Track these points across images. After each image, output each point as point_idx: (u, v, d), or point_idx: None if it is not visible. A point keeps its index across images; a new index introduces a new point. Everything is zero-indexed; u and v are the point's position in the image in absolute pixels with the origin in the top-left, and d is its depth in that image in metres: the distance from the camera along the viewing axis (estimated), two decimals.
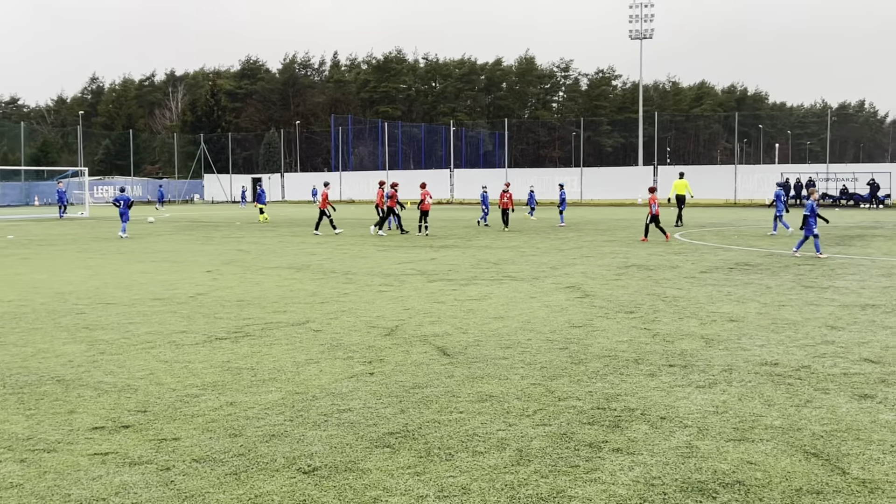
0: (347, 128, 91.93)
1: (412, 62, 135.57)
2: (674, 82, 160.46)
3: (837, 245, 22.06)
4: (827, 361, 8.11)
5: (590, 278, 14.95)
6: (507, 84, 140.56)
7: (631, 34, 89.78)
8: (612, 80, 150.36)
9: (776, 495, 4.74)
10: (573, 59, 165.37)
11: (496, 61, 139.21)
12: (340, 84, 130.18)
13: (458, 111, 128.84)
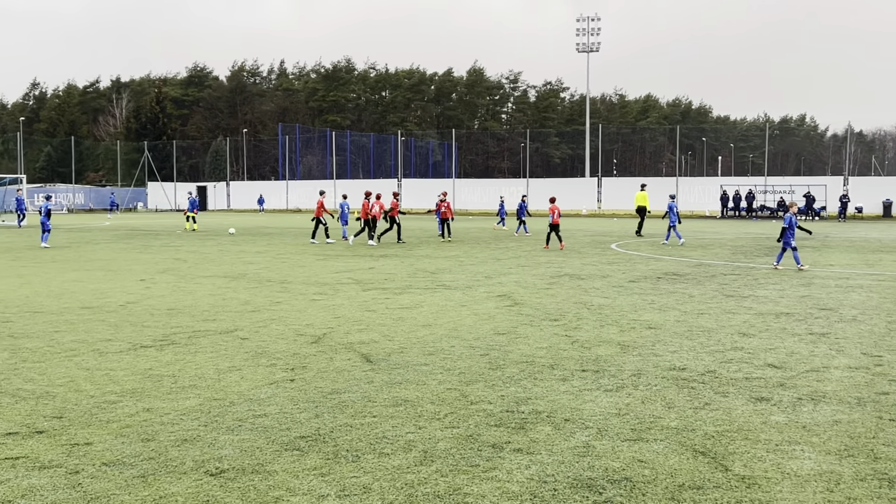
0: (295, 136, 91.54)
1: (362, 71, 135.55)
2: (621, 95, 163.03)
3: (766, 255, 22.74)
4: (732, 367, 8.49)
5: (522, 287, 15.26)
6: (457, 95, 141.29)
7: (578, 47, 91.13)
8: (561, 93, 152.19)
9: (659, 491, 5.03)
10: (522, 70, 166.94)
11: (446, 72, 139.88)
12: (289, 92, 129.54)
13: (407, 121, 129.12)
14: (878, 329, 10.70)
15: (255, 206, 74.32)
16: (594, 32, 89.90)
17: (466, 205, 69.65)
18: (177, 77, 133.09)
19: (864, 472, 5.35)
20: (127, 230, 38.96)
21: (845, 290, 14.72)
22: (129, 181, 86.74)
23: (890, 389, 7.50)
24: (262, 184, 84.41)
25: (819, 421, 6.52)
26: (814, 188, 56.30)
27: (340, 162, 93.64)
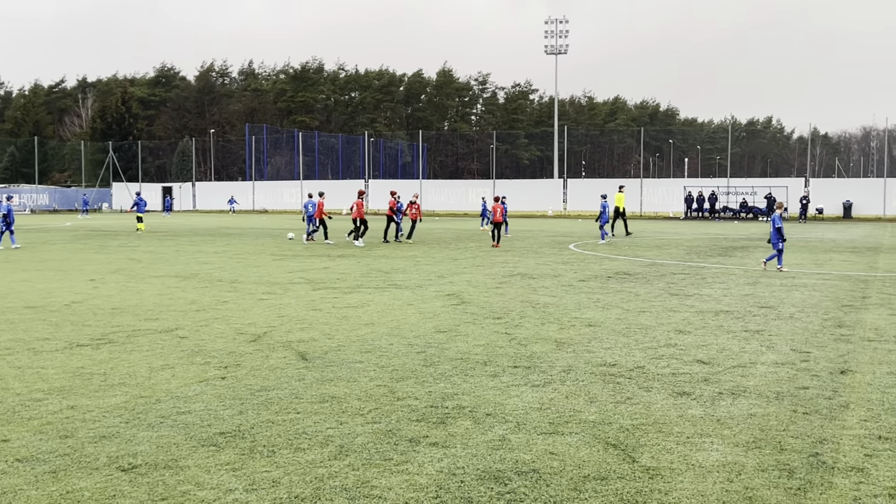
0: (262, 137, 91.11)
1: (331, 72, 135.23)
2: (589, 97, 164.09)
3: (718, 255, 23.05)
4: (661, 363, 8.64)
5: (472, 286, 15.37)
6: (427, 96, 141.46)
7: (546, 49, 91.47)
8: (530, 94, 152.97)
9: (564, 482, 5.13)
10: (491, 72, 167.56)
11: (416, 73, 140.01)
12: (257, 93, 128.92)
13: (377, 122, 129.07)
14: (812, 326, 10.92)
15: (225, 206, 73.82)
16: (562, 35, 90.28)
17: (435, 206, 69.71)
18: (144, 77, 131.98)
19: (766, 462, 5.50)
20: (87, 231, 38.61)
21: (789, 289, 14.98)
22: (95, 181, 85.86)
23: (810, 384, 7.68)
24: (229, 184, 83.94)
25: (734, 414, 6.67)
26: (775, 189, 57.05)
27: (309, 162, 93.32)
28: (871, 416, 6.61)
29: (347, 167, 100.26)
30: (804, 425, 6.35)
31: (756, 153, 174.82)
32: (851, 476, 5.23)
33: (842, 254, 23.78)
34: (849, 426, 6.32)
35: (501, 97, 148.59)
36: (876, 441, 5.95)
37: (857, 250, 25.40)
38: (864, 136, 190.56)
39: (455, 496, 4.89)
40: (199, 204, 79.50)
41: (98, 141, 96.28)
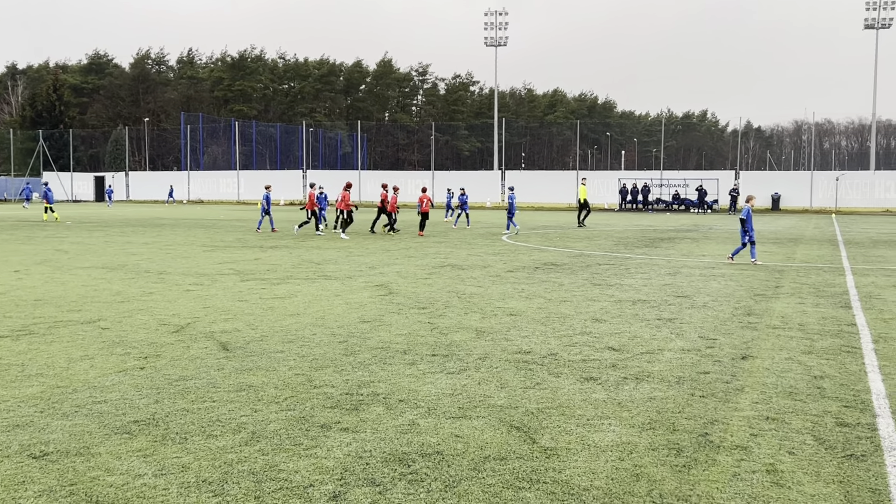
0: (199, 126, 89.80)
1: (270, 61, 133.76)
2: (529, 89, 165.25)
3: (645, 247, 23.65)
4: (574, 350, 8.96)
5: (402, 277, 15.57)
6: (367, 86, 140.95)
7: (486, 41, 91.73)
8: (470, 86, 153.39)
9: (465, 462, 5.38)
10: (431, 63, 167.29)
11: (355, 63, 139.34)
12: (194, 81, 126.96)
13: (316, 112, 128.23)
14: (723, 315, 11.39)
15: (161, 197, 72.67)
16: (502, 27, 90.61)
17: (374, 196, 69.60)
18: (77, 64, 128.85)
19: (658, 442, 5.82)
20: (14, 221, 37.74)
21: (707, 279, 15.52)
22: (24, 170, 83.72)
23: (711, 369, 8.08)
24: (164, 174, 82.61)
25: (635, 398, 7.00)
26: (706, 182, 58.47)
27: (246, 152, 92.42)
28: (763, 398, 7.00)
29: (286, 157, 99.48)
30: (699, 407, 6.71)
31: (692, 146, 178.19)
32: (735, 454, 5.59)
33: (763, 245, 24.58)
34: (740, 408, 6.70)
35: (442, 88, 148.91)
36: (763, 422, 6.33)
37: (778, 241, 26.27)
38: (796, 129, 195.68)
39: (359, 477, 5.10)
40: (134, 194, 78.12)
41: (28, 129, 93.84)
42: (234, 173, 76.06)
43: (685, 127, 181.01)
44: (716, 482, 5.06)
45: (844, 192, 58.49)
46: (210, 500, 4.74)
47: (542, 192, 64.82)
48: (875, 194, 58.52)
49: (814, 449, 5.69)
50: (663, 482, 5.05)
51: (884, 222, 42.00)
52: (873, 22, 70.24)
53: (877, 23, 70.00)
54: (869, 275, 16.47)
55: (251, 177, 76.11)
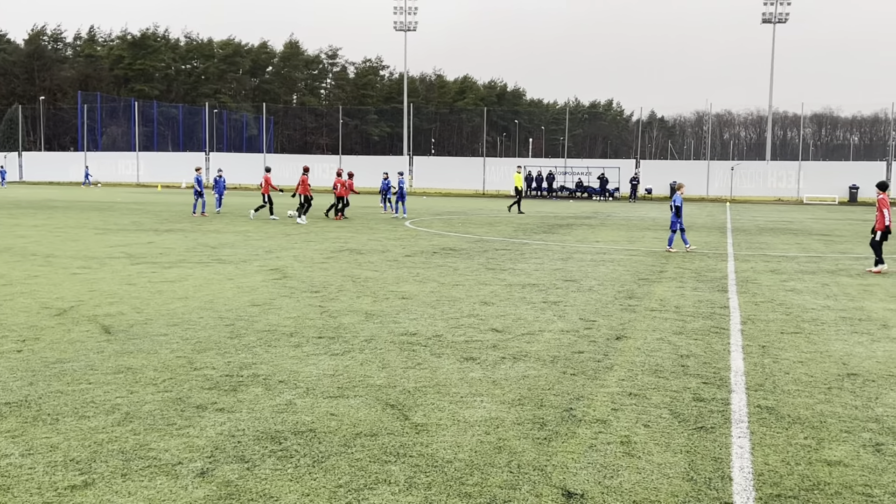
0: (97, 106, 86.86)
1: (172, 40, 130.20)
2: (439, 75, 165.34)
3: (544, 233, 24.19)
4: (459, 331, 9.20)
5: (298, 261, 15.57)
6: (274, 68, 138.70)
7: (396, 25, 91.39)
8: (380, 70, 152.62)
9: (336, 439, 5.53)
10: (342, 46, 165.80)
11: (262, 44, 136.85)
12: (92, 59, 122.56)
13: (221, 93, 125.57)
14: (606, 298, 11.83)
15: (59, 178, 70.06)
16: (411, 12, 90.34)
17: (280, 181, 68.68)
18: None
19: (524, 417, 6.09)
20: None
21: (597, 264, 16.03)
22: None
23: (586, 349, 8.43)
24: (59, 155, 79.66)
25: (510, 376, 7.27)
26: (608, 170, 59.87)
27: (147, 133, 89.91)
28: (629, 375, 7.37)
29: (189, 139, 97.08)
30: (568, 385, 7.02)
31: (598, 135, 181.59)
32: (594, 427, 5.90)
33: (656, 231, 25.46)
34: (607, 385, 7.04)
35: (352, 72, 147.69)
36: (626, 397, 6.68)
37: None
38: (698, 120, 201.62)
39: (229, 455, 5.19)
40: (28, 175, 75.12)
41: None
42: (134, 155, 73.95)
43: (591, 116, 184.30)
44: (572, 453, 5.35)
45: (739, 182, 60.72)
46: (76, 478, 4.76)
47: (452, 179, 65.18)
48: (768, 183, 60.96)
49: (668, 422, 6.05)
50: (523, 454, 5.31)
51: (773, 210, 43.88)
52: (770, 16, 72.86)
53: (773, 17, 72.64)
54: (750, 260, 17.29)
55: (152, 159, 74.16)
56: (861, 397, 6.76)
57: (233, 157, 75.18)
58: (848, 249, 20.30)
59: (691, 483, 4.88)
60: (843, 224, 31.40)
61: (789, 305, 11.37)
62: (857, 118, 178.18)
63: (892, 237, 15.61)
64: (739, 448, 5.49)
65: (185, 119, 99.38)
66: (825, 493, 4.75)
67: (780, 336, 9.24)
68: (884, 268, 15.20)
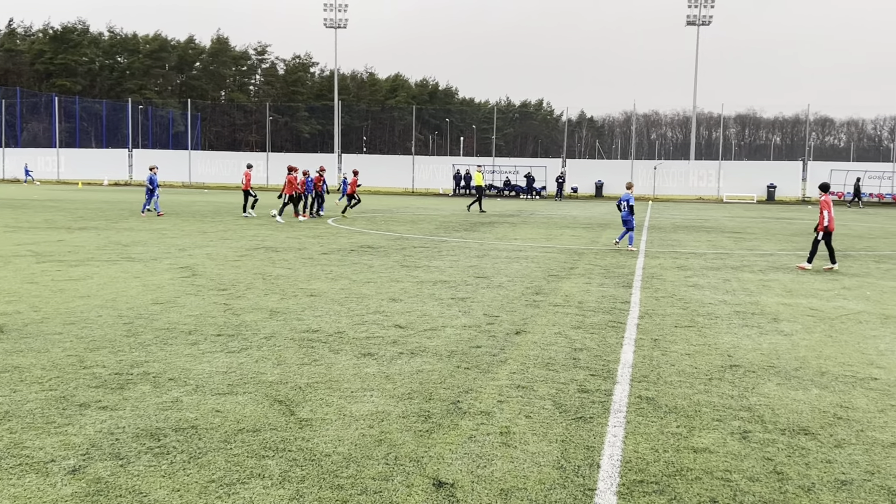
0: (16, 101, 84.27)
1: (96, 34, 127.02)
2: (371, 73, 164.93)
3: (464, 230, 24.38)
4: (362, 328, 9.26)
5: (210, 259, 15.41)
6: (201, 64, 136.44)
7: (326, 22, 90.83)
8: (310, 67, 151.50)
9: (217, 435, 5.54)
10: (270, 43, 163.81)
11: (189, 39, 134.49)
12: (12, 53, 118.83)
13: (146, 89, 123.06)
14: (513, 294, 12.01)
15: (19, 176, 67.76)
16: (342, 9, 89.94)
17: (206, 178, 67.81)
18: None
19: (411, 411, 6.19)
20: None
21: (511, 261, 16.24)
22: None
23: (485, 344, 8.57)
24: None
25: (404, 371, 7.36)
26: (535, 169, 60.58)
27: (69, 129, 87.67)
28: (521, 369, 7.53)
29: (113, 135, 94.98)
30: (460, 378, 7.14)
31: (528, 134, 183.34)
32: (477, 419, 6.02)
33: (574, 229, 25.89)
34: (497, 378, 7.18)
35: (281, 69, 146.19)
36: (513, 389, 6.83)
37: (589, 226, 27.70)
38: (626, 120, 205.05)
39: (104, 452, 5.16)
40: None
41: None
42: (55, 151, 71.98)
43: (522, 115, 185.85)
44: (451, 444, 5.46)
45: (662, 181, 62.03)
46: None
47: (382, 177, 65.04)
48: (690, 183, 62.41)
49: (550, 413, 6.21)
50: (402, 446, 5.40)
51: (693, 209, 44.96)
52: (694, 19, 74.58)
53: (698, 20, 74.37)
54: (659, 257, 17.72)
55: (73, 155, 72.32)
56: (738, 387, 7.04)
57: (158, 154, 73.79)
58: (755, 246, 20.96)
59: (560, 471, 5.04)
60: (757, 222, 32.38)
61: (688, 300, 11.73)
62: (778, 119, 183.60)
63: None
64: (613, 437, 5.68)
65: (108, 115, 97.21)
66: (686, 479, 4.96)
67: (674, 330, 9.53)
68: (832, 267, 15.72)
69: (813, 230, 16.29)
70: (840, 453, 5.38)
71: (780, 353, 8.40)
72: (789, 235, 24.92)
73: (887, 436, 5.75)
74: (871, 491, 4.76)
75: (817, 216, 15.98)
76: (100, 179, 65.46)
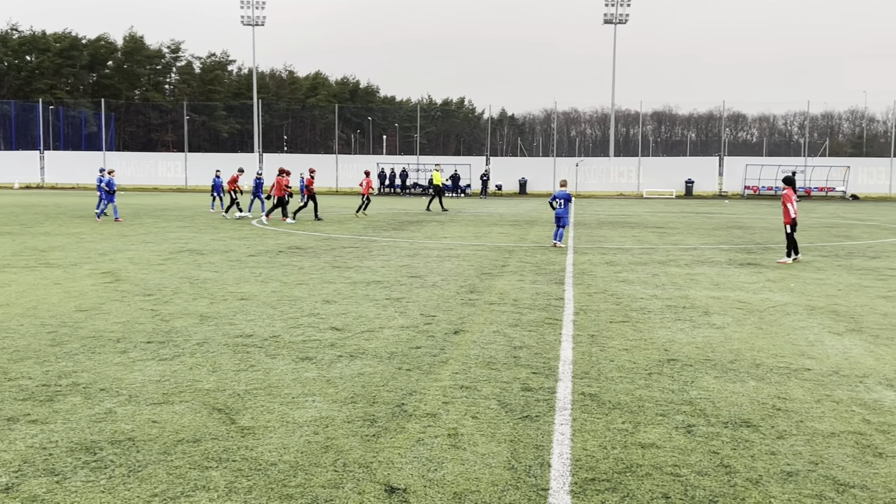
0: None
1: (1, 32, 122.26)
2: (290, 71, 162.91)
3: (393, 230, 24.26)
4: (297, 331, 9.08)
5: (133, 264, 14.95)
6: (114, 62, 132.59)
7: (243, 20, 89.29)
8: (228, 66, 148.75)
9: (155, 447, 5.33)
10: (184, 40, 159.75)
11: (100, 37, 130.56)
12: None
13: (57, 89, 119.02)
14: (448, 293, 11.97)
15: None
16: (259, 6, 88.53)
17: (122, 180, 65.93)
18: None
19: (355, 415, 6.07)
20: None
21: (443, 260, 16.21)
22: None
23: (424, 344, 8.50)
24: None
25: (345, 374, 7.23)
26: (460, 167, 60.78)
27: None
28: (463, 368, 7.49)
29: (22, 137, 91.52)
30: (403, 380, 7.06)
31: (451, 132, 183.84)
32: (423, 421, 5.95)
33: (502, 227, 26.03)
34: (440, 379, 7.12)
35: (197, 67, 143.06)
36: (457, 390, 6.78)
37: (516, 223, 27.89)
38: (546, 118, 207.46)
39: (38, 468, 4.91)
40: None
41: None
42: None
43: (444, 114, 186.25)
44: (399, 448, 5.37)
45: (584, 177, 62.97)
46: None
47: None
48: (611, 179, 63.54)
49: (496, 412, 6.18)
50: (350, 452, 5.29)
51: (615, 205, 45.75)
52: (611, 17, 75.74)
53: (615, 18, 75.51)
54: (588, 253, 17.93)
55: None
56: (678, 381, 7.13)
57: (71, 156, 71.54)
58: (679, 241, 21.41)
59: (512, 472, 5.00)
60: (678, 217, 33.11)
61: (620, 295, 11.87)
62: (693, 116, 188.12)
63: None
64: (561, 435, 5.68)
65: (18, 116, 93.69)
66: (636, 475, 4.98)
67: (609, 325, 9.63)
68: (796, 258, 16.17)
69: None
70: (783, 445, 5.49)
71: (714, 346, 8.55)
72: (711, 229, 25.54)
73: (826, 426, 5.90)
74: (816, 481, 4.86)
75: (782, 211, 16.45)
76: (10, 182, 63.06)
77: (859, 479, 4.89)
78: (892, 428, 5.87)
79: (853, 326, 9.68)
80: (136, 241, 19.22)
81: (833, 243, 20.72)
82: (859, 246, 20.04)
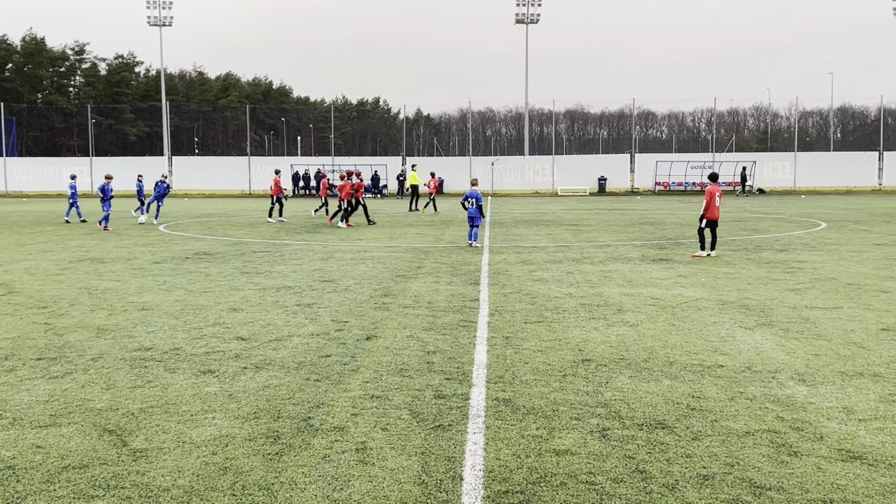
0: None
1: None
2: (200, 72, 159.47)
3: (307, 233, 23.79)
4: (200, 343, 8.67)
5: (29, 274, 14.20)
6: (14, 65, 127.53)
7: (150, 20, 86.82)
8: (135, 67, 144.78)
9: (38, 475, 4.92)
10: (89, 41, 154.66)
11: None
12: None
13: None
14: (361, 297, 11.67)
15: None
16: (166, 6, 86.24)
17: (24, 186, 63.40)
18: None
19: (258, 432, 5.75)
20: None
21: (357, 262, 15.88)
22: None
23: (334, 352, 8.20)
24: None
25: (249, 388, 6.89)
26: (377, 166, 60.36)
27: None
28: (374, 377, 7.22)
29: None
30: (310, 392, 6.75)
31: (367, 132, 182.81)
32: (331, 435, 5.67)
33: (418, 227, 25.81)
34: (350, 389, 6.84)
35: (103, 69, 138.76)
36: (367, 400, 6.51)
37: (432, 224, 27.70)
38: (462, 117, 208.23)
39: None
40: None
41: None
42: None
43: (360, 114, 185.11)
44: (304, 466, 5.08)
45: (500, 176, 63.25)
46: None
47: (216, 179, 62.98)
48: (526, 177, 63.98)
49: (407, 423, 5.94)
50: (250, 473, 4.98)
51: (530, 203, 46.04)
52: (523, 17, 76.26)
53: (526, 18, 76.05)
54: (503, 252, 17.85)
55: None
56: (593, 382, 7.02)
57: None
58: (593, 238, 21.56)
59: (422, 486, 4.77)
60: (592, 214, 33.45)
61: (535, 295, 11.78)
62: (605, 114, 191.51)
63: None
64: (474, 444, 5.47)
65: None
66: (551, 485, 4.81)
67: (524, 326, 9.50)
68: (706, 253, 16.41)
69: (698, 219, 16.85)
70: (698, 446, 5.40)
71: (628, 344, 8.50)
72: (624, 226, 25.83)
73: (740, 425, 5.84)
74: (732, 484, 4.76)
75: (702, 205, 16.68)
76: None
77: (775, 480, 4.82)
78: (805, 425, 5.86)
79: (764, 321, 9.78)
80: (35, 251, 18.31)
81: (742, 237, 21.16)
82: (767, 239, 20.51)
